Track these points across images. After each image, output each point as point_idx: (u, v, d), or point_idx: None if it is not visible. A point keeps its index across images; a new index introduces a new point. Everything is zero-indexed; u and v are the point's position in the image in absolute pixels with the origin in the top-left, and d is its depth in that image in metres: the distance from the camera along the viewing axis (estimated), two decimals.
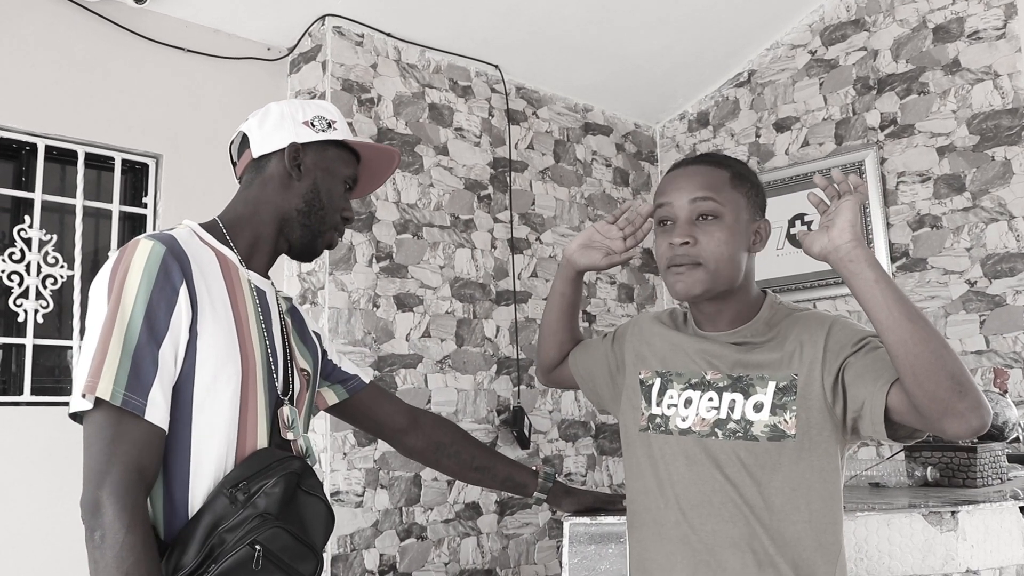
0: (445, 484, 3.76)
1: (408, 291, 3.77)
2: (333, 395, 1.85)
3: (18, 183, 3.18)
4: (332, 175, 1.61)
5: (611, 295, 4.63)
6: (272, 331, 1.55)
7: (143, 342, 1.32)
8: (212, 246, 1.51)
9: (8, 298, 3.07)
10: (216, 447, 1.39)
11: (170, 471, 1.37)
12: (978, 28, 3.70)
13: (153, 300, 1.35)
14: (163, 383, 1.34)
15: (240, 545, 1.32)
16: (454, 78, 4.09)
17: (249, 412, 1.44)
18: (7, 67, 3.08)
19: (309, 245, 1.62)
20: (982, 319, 3.60)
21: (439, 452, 1.93)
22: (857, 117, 4.08)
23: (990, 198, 3.61)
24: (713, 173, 1.52)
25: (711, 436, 1.48)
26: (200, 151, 3.48)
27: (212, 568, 1.30)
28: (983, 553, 2.04)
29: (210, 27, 3.59)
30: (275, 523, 1.36)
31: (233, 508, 1.35)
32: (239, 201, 1.61)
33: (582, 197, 4.58)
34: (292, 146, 1.58)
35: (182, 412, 1.38)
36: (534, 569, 4.05)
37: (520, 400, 4.08)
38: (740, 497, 1.44)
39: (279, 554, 1.36)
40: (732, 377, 1.50)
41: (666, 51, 4.29)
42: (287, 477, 1.41)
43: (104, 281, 1.39)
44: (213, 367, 1.40)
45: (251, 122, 1.64)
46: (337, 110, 1.67)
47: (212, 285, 1.45)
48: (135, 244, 1.40)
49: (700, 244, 1.47)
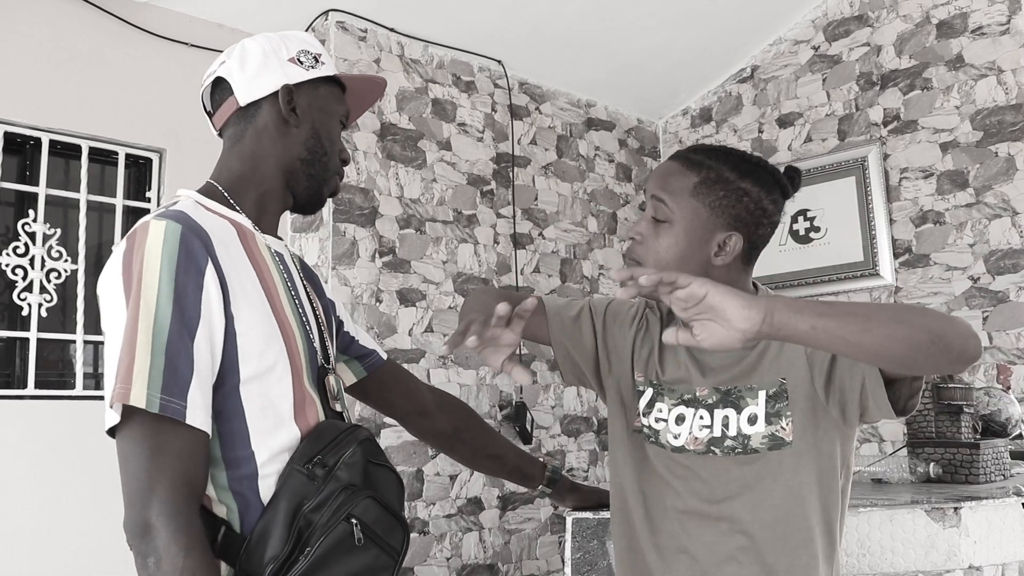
0: (447, 479, 3.77)
1: (411, 286, 3.77)
2: (350, 373, 1.67)
3: (22, 177, 3.18)
4: (328, 115, 1.45)
5: (613, 290, 4.63)
6: (300, 297, 1.40)
7: (175, 336, 1.15)
8: (222, 214, 1.35)
9: (12, 292, 3.07)
10: (278, 435, 1.25)
11: (233, 464, 1.23)
12: (982, 23, 3.69)
13: (179, 286, 1.17)
14: (201, 380, 1.17)
15: (335, 521, 1.19)
16: (457, 73, 4.09)
17: (301, 391, 1.30)
18: (12, 62, 3.08)
19: (316, 195, 1.46)
20: (985, 315, 3.60)
21: (455, 437, 1.80)
22: (860, 113, 4.08)
23: (993, 194, 3.61)
24: (680, 176, 1.43)
25: (707, 454, 1.44)
26: (204, 146, 3.45)
27: (308, 552, 1.17)
28: (986, 549, 2.04)
29: (214, 22, 3.59)
30: (366, 493, 1.24)
31: (314, 485, 1.21)
32: (232, 158, 1.42)
33: (585, 192, 4.58)
34: (285, 89, 1.40)
35: (231, 405, 1.23)
36: (536, 564, 4.06)
37: (522, 395, 4.08)
38: (738, 514, 1.41)
39: (373, 527, 1.23)
40: (721, 391, 1.44)
41: (669, 46, 4.29)
42: (363, 446, 1.29)
43: (116, 274, 1.22)
44: (257, 352, 1.24)
45: (229, 64, 1.43)
46: (317, 41, 1.50)
47: (236, 259, 1.28)
48: (145, 227, 1.22)
49: (645, 245, 1.43)
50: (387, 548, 1.26)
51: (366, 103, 1.60)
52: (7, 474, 2.92)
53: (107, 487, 2.65)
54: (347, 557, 1.20)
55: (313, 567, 1.16)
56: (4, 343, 3.11)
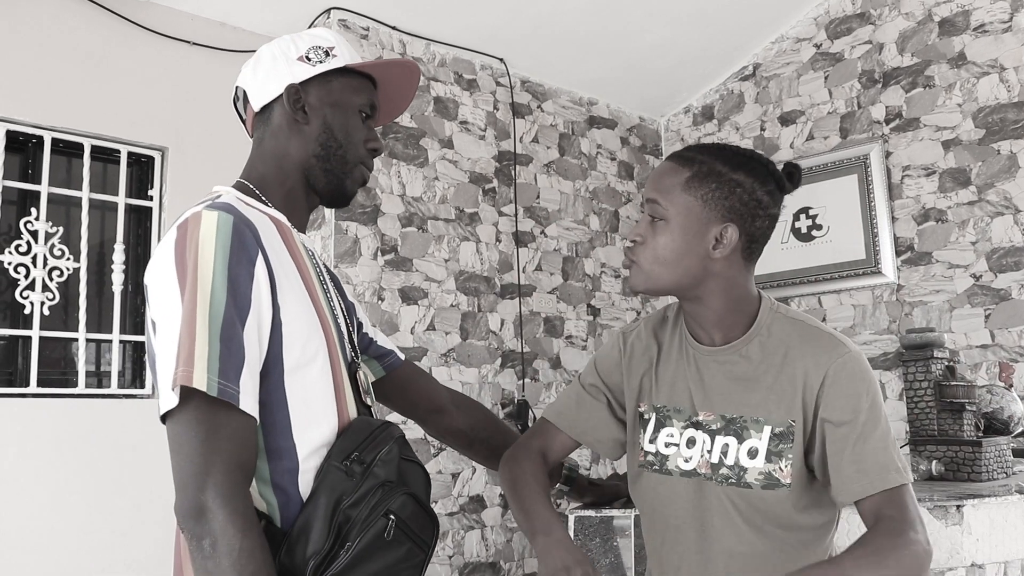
0: (449, 477, 3.77)
1: (413, 284, 3.77)
2: (370, 373, 1.68)
3: (24, 176, 3.18)
4: (342, 108, 1.45)
5: (616, 289, 4.63)
6: (331, 293, 1.45)
7: (229, 322, 1.18)
8: (261, 210, 1.38)
9: (15, 290, 3.07)
10: (318, 426, 1.29)
11: (275, 456, 1.25)
12: (984, 21, 3.69)
13: (232, 273, 1.20)
14: (251, 367, 1.20)
15: (374, 517, 1.23)
16: (459, 71, 4.09)
17: (340, 384, 1.34)
18: (14, 60, 3.08)
19: (338, 190, 1.47)
20: (987, 313, 3.59)
21: (472, 436, 1.81)
22: (862, 111, 4.07)
23: (995, 192, 3.61)
24: (672, 174, 1.44)
25: (710, 480, 1.42)
26: (206, 144, 3.48)
27: (349, 547, 1.20)
28: (988, 547, 2.04)
29: (216, 20, 3.59)
30: (403, 489, 1.28)
31: (352, 482, 1.24)
32: (257, 159, 1.47)
33: (587, 191, 4.57)
34: (290, 88, 1.43)
35: (276, 394, 1.26)
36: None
37: (524, 393, 4.08)
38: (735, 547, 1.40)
39: (409, 523, 1.27)
40: (725, 419, 1.43)
41: (671, 45, 4.28)
42: (398, 442, 1.33)
43: (169, 263, 1.24)
44: (300, 343, 1.28)
45: (245, 73, 1.49)
46: (335, 34, 1.50)
47: (279, 252, 1.32)
48: (197, 217, 1.25)
49: (644, 244, 1.44)
50: (419, 542, 1.30)
51: (404, 95, 1.59)
52: (9, 472, 2.92)
53: (108, 485, 2.68)
54: (384, 552, 1.24)
55: (353, 562, 1.20)
56: (6, 341, 3.11)
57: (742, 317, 1.46)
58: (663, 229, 1.42)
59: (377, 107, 1.51)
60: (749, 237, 1.43)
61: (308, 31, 1.49)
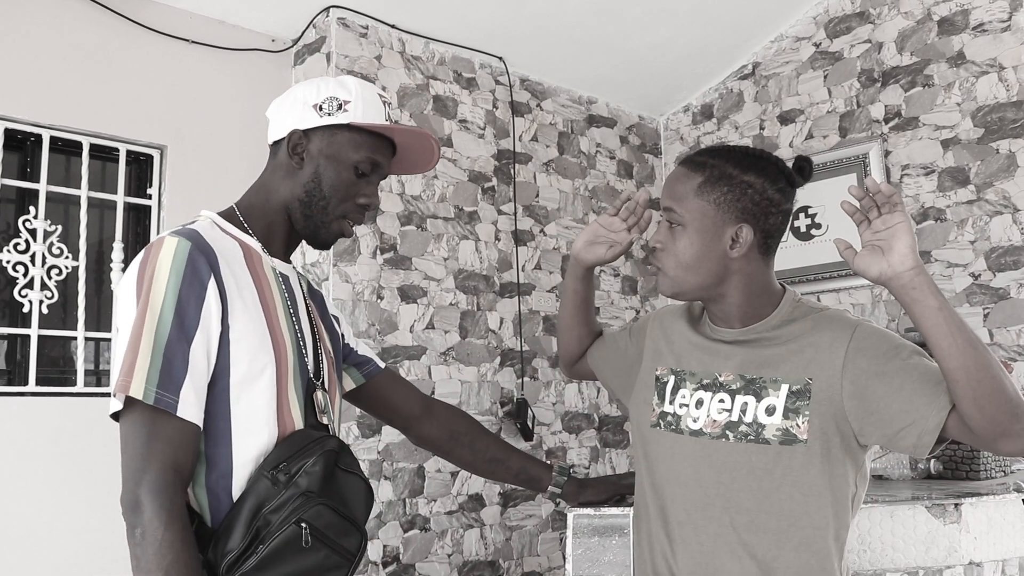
0: (448, 476, 3.77)
1: (412, 283, 3.77)
2: (349, 380, 1.82)
3: (23, 174, 3.18)
4: (337, 161, 1.53)
5: (615, 287, 4.63)
6: (299, 315, 1.54)
7: (173, 340, 1.32)
8: (233, 235, 1.51)
9: (13, 289, 3.07)
10: (256, 436, 1.40)
11: (212, 461, 1.38)
12: (983, 20, 3.69)
13: (182, 297, 1.35)
14: (195, 380, 1.33)
15: (286, 524, 1.32)
16: (458, 70, 4.09)
17: (284, 399, 1.44)
18: (12, 58, 3.08)
19: (312, 236, 1.57)
20: (986, 312, 3.60)
21: (453, 441, 1.90)
22: (861, 110, 4.08)
23: (994, 191, 3.61)
24: (685, 180, 1.52)
25: (722, 438, 1.47)
26: (205, 142, 3.48)
27: (260, 549, 1.31)
28: (986, 545, 2.04)
29: (215, 18, 3.59)
30: (318, 500, 1.37)
31: (276, 489, 1.35)
32: (254, 188, 1.60)
33: (586, 189, 4.57)
34: (293, 133, 1.54)
35: (220, 405, 1.38)
36: (537, 561, 4.06)
37: (524, 392, 4.08)
38: (744, 503, 1.43)
39: (324, 531, 1.36)
40: (745, 379, 1.49)
41: (670, 43, 4.28)
42: (326, 455, 1.41)
43: (132, 280, 1.39)
44: (247, 358, 1.40)
45: (272, 105, 1.62)
46: (362, 87, 1.57)
47: (239, 275, 1.44)
48: (160, 243, 1.39)
49: (666, 250, 1.53)
50: (339, 549, 1.40)
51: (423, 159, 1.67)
52: (8, 471, 2.92)
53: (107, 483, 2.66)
54: (297, 556, 1.34)
55: (264, 562, 1.32)
56: (5, 340, 3.11)
57: (764, 309, 1.53)
58: (681, 234, 1.51)
59: (381, 165, 1.58)
60: (764, 234, 1.50)
61: (339, 79, 1.57)
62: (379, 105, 1.58)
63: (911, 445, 1.35)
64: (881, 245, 1.31)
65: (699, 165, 1.52)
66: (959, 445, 2.48)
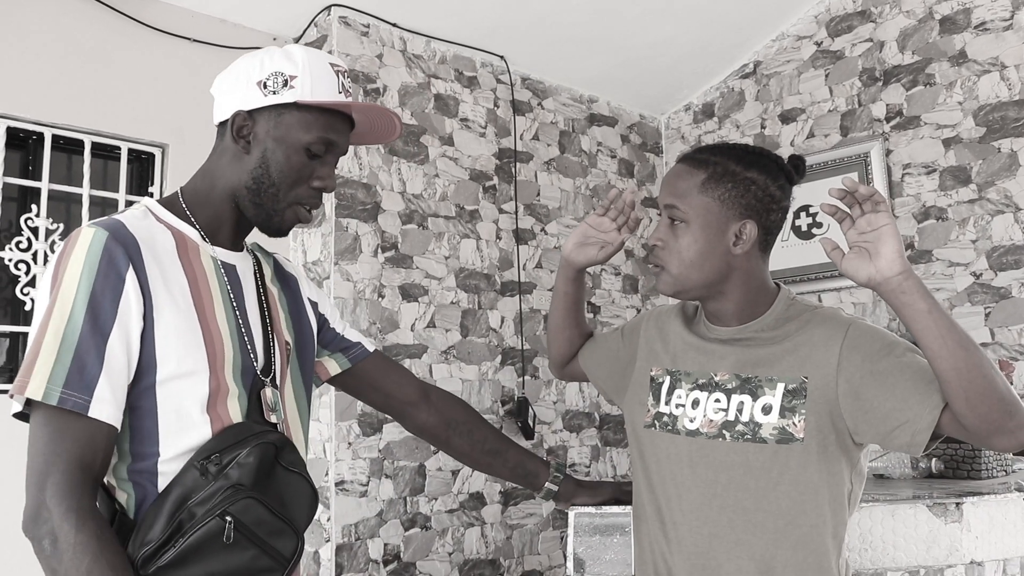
0: (449, 474, 3.78)
1: (413, 281, 3.77)
2: (335, 364, 1.71)
3: (25, 172, 3.18)
4: (286, 144, 1.40)
5: (616, 286, 4.63)
6: (245, 307, 1.43)
7: (86, 336, 1.22)
8: (169, 224, 1.40)
9: (15, 287, 3.08)
10: (187, 435, 1.30)
11: (138, 458, 1.29)
12: (985, 19, 3.68)
13: (96, 290, 1.24)
14: (111, 377, 1.24)
15: (209, 517, 1.23)
16: (459, 68, 4.09)
17: (220, 397, 1.34)
18: (14, 57, 3.08)
19: (265, 224, 1.45)
20: (987, 311, 3.59)
21: (451, 430, 1.79)
22: (863, 109, 4.07)
23: (996, 190, 3.61)
24: (687, 177, 1.51)
25: (718, 438, 1.47)
26: (206, 141, 3.42)
27: (179, 542, 1.22)
28: (987, 545, 2.04)
29: (216, 17, 3.59)
30: (248, 493, 1.27)
31: (204, 480, 1.26)
32: (199, 173, 1.48)
33: (587, 188, 4.57)
34: (236, 115, 1.41)
35: (146, 402, 1.29)
36: (537, 559, 4.06)
37: (524, 391, 4.09)
38: (741, 503, 1.43)
39: (253, 528, 1.26)
40: (741, 378, 1.49)
41: (671, 42, 4.28)
42: (262, 447, 1.31)
43: (49, 274, 1.29)
44: (176, 355, 1.29)
45: (216, 81, 1.49)
46: (311, 56, 1.43)
47: (167, 268, 1.33)
48: (77, 235, 1.29)
49: (668, 248, 1.51)
50: (270, 551, 1.29)
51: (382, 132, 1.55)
52: (10, 469, 2.92)
53: None
54: (220, 553, 1.24)
55: (182, 556, 1.22)
56: (7, 338, 3.11)
57: (760, 307, 1.53)
58: (684, 231, 1.50)
59: (336, 143, 1.45)
60: (765, 230, 1.51)
61: (285, 49, 1.44)
62: (331, 77, 1.44)
63: (905, 443, 1.35)
64: (868, 248, 1.29)
65: (701, 162, 1.52)
66: (960, 444, 2.48)
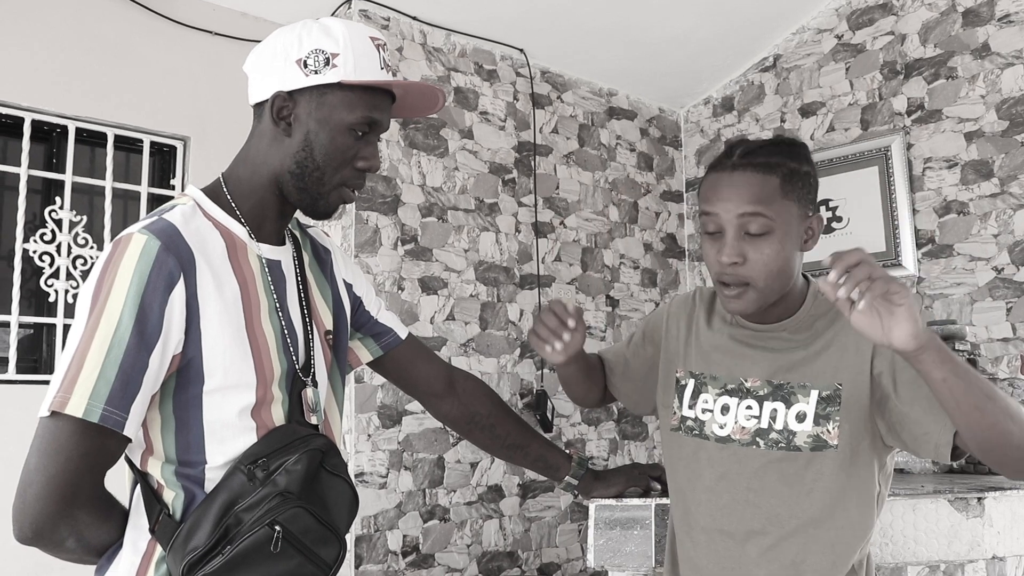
0: (468, 467, 3.79)
1: (432, 274, 3.78)
2: (367, 352, 1.70)
3: (49, 165, 3.21)
4: (330, 126, 1.35)
5: (634, 280, 4.63)
6: (287, 307, 1.40)
7: (131, 350, 1.19)
8: (217, 222, 1.35)
9: (39, 278, 3.11)
10: (234, 440, 1.29)
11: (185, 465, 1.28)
12: (1009, 12, 3.65)
13: (145, 303, 1.20)
14: (145, 393, 1.22)
15: (258, 525, 1.21)
16: (479, 62, 4.09)
17: (266, 404, 1.32)
18: (38, 51, 3.11)
19: (311, 208, 1.40)
20: (1009, 306, 3.57)
21: (472, 423, 1.78)
22: (884, 102, 4.05)
23: (1018, 184, 3.58)
24: (763, 183, 1.39)
25: (752, 445, 1.45)
26: (227, 133, 3.50)
27: (227, 549, 1.20)
28: (1009, 540, 2.04)
29: (237, 10, 3.60)
30: (296, 503, 1.24)
31: (251, 486, 1.23)
32: (239, 158, 1.43)
33: (606, 181, 4.57)
34: (277, 96, 1.35)
35: (192, 411, 1.27)
36: (555, 552, 4.07)
37: (543, 384, 4.09)
38: (775, 509, 1.43)
39: (300, 536, 1.24)
40: (773, 384, 1.46)
41: (691, 35, 4.27)
42: (310, 454, 1.29)
43: (93, 280, 1.24)
44: (222, 367, 1.27)
45: (250, 59, 1.42)
46: (350, 32, 1.37)
47: (221, 275, 1.30)
48: (128, 240, 1.24)
49: (749, 262, 1.40)
50: (314, 559, 1.27)
51: (426, 101, 1.51)
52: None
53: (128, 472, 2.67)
54: (267, 561, 1.22)
55: (230, 565, 1.20)
56: (31, 329, 3.14)
57: (793, 303, 1.49)
58: (766, 241, 1.40)
59: (380, 121, 1.41)
60: None
61: (322, 23, 1.38)
62: (372, 52, 1.38)
63: (931, 453, 1.34)
64: (881, 312, 1.18)
65: (767, 167, 1.40)
66: None
